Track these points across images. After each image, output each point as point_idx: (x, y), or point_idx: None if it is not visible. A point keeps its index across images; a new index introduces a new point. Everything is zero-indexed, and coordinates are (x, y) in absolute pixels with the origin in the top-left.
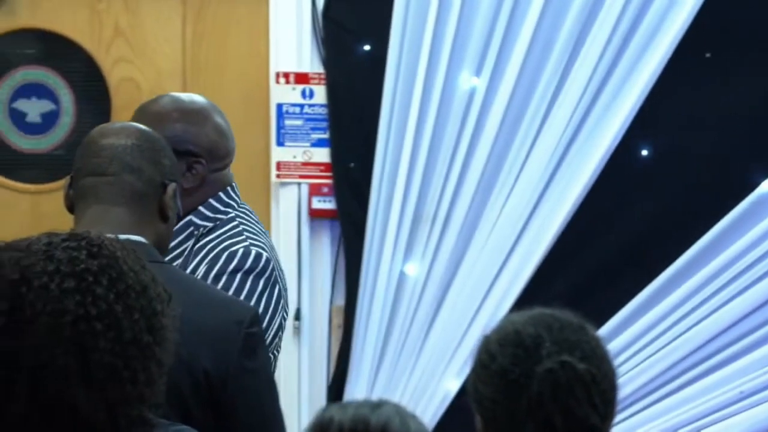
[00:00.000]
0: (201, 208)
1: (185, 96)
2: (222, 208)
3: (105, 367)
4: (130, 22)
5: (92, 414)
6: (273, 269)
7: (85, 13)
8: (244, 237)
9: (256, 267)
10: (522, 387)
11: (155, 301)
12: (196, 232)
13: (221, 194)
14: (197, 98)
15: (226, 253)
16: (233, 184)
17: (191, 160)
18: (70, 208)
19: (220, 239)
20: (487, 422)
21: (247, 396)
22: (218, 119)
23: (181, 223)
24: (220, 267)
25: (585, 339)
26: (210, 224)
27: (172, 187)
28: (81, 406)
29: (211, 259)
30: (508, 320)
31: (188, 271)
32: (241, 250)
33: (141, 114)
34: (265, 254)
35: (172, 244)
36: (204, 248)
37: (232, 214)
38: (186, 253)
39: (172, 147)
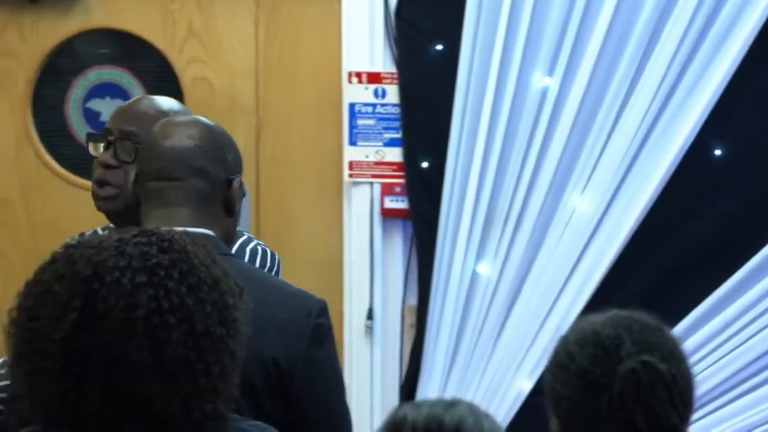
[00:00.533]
0: None
1: (173, 101)
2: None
3: (178, 360)
4: (204, 23)
5: (166, 407)
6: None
7: (159, 13)
8: (246, 236)
9: (274, 265)
10: (602, 387)
11: (227, 294)
12: None
13: None
14: (179, 104)
15: (247, 252)
16: None
17: None
18: (137, 204)
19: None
20: (564, 423)
21: (314, 386)
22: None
23: None
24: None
25: (663, 340)
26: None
27: (236, 181)
28: (155, 399)
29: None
30: (585, 321)
31: None
32: (259, 249)
33: (138, 109)
34: (270, 250)
35: None
36: None
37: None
38: None
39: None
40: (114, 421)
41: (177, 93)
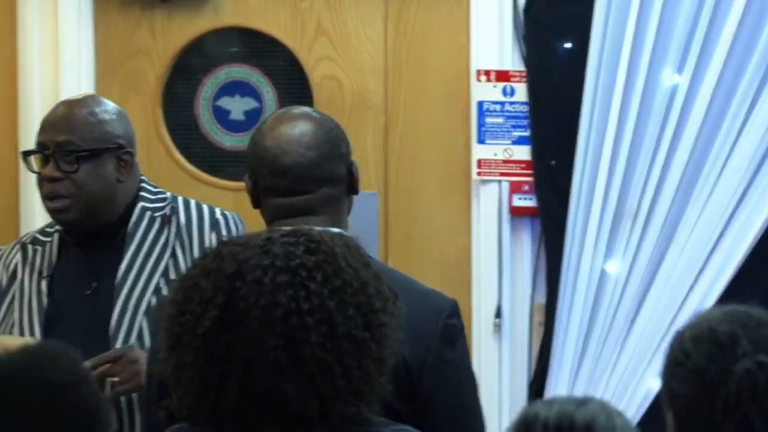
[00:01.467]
0: (143, 194)
1: (87, 96)
2: (156, 189)
3: (316, 362)
4: (333, 21)
5: (303, 408)
6: None
7: (288, 11)
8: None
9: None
10: (718, 385)
11: (374, 298)
12: (157, 215)
13: (144, 177)
14: (93, 95)
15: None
16: None
17: (120, 153)
18: (256, 205)
19: (208, 224)
20: (681, 420)
21: (445, 387)
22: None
23: (136, 212)
24: None
25: None
26: (161, 205)
27: (355, 166)
28: (292, 399)
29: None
30: (701, 317)
31: None
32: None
33: (65, 117)
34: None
35: (133, 231)
36: (203, 232)
37: (170, 194)
38: (165, 242)
39: (103, 146)
40: (252, 420)
41: (306, 91)
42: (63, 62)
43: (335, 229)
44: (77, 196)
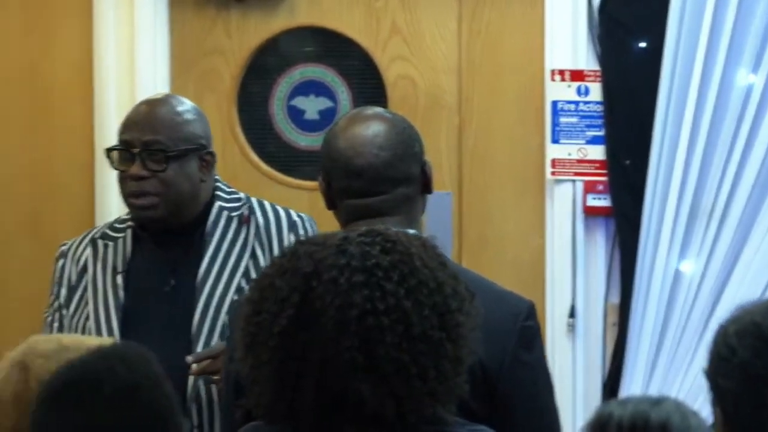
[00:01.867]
0: (219, 193)
1: (168, 95)
2: (229, 189)
3: (391, 362)
4: (407, 20)
5: (379, 408)
6: None
7: (363, 11)
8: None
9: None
10: (765, 380)
11: (450, 298)
12: (234, 215)
13: (218, 177)
14: (173, 94)
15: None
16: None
17: (203, 153)
18: (330, 206)
19: (286, 226)
20: (728, 415)
21: (522, 388)
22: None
23: (214, 211)
24: None
25: None
26: (237, 205)
27: (428, 165)
28: (367, 400)
29: None
30: (744, 311)
31: None
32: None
33: (151, 116)
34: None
35: (212, 231)
36: (281, 233)
37: (242, 194)
38: (244, 242)
39: (189, 146)
40: (328, 419)
41: (380, 91)
42: (139, 62)
43: (410, 230)
44: (165, 194)
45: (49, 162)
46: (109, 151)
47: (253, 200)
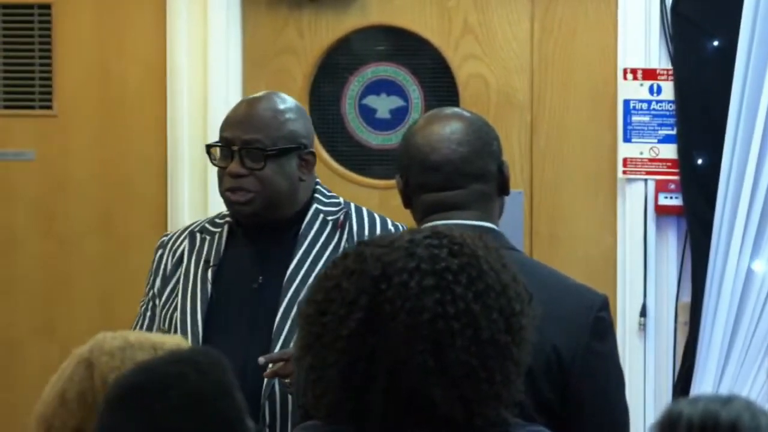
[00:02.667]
0: (318, 196)
1: (271, 93)
2: (329, 193)
3: (461, 366)
4: (479, 19)
5: (449, 412)
6: None
7: (435, 10)
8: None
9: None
10: None
11: (514, 301)
12: (329, 219)
13: (318, 180)
14: (275, 92)
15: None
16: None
17: (303, 153)
18: (407, 205)
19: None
20: None
21: (594, 379)
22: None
23: (310, 213)
24: None
25: None
26: (334, 209)
27: (506, 166)
28: (438, 403)
29: None
30: None
31: None
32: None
33: (251, 115)
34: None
35: (306, 232)
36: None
37: (342, 200)
38: (336, 246)
39: (288, 146)
40: (397, 422)
41: (452, 89)
42: (211, 62)
43: (486, 223)
44: (261, 192)
45: (122, 161)
46: (209, 147)
47: (352, 206)
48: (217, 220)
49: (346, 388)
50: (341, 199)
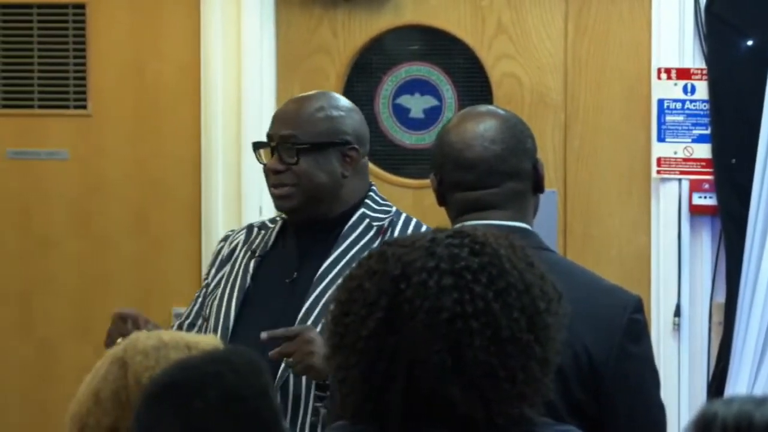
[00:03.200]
0: (368, 201)
1: (320, 92)
2: (383, 201)
3: (480, 365)
4: (513, 19)
5: (468, 410)
6: None
7: (469, 9)
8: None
9: None
10: None
11: (539, 300)
12: (374, 224)
13: (374, 187)
14: (326, 92)
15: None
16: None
17: (345, 149)
18: (441, 203)
19: None
20: None
21: (628, 381)
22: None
23: (355, 216)
24: None
25: None
26: (382, 216)
27: (540, 164)
28: (457, 402)
29: None
30: None
31: None
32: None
33: (292, 112)
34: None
35: (348, 233)
36: None
37: (394, 209)
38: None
39: (326, 140)
40: (417, 422)
41: (485, 89)
42: (245, 61)
43: (520, 224)
44: (299, 186)
45: (157, 161)
46: (255, 146)
47: (402, 215)
48: (277, 218)
49: (367, 388)
50: (394, 208)
